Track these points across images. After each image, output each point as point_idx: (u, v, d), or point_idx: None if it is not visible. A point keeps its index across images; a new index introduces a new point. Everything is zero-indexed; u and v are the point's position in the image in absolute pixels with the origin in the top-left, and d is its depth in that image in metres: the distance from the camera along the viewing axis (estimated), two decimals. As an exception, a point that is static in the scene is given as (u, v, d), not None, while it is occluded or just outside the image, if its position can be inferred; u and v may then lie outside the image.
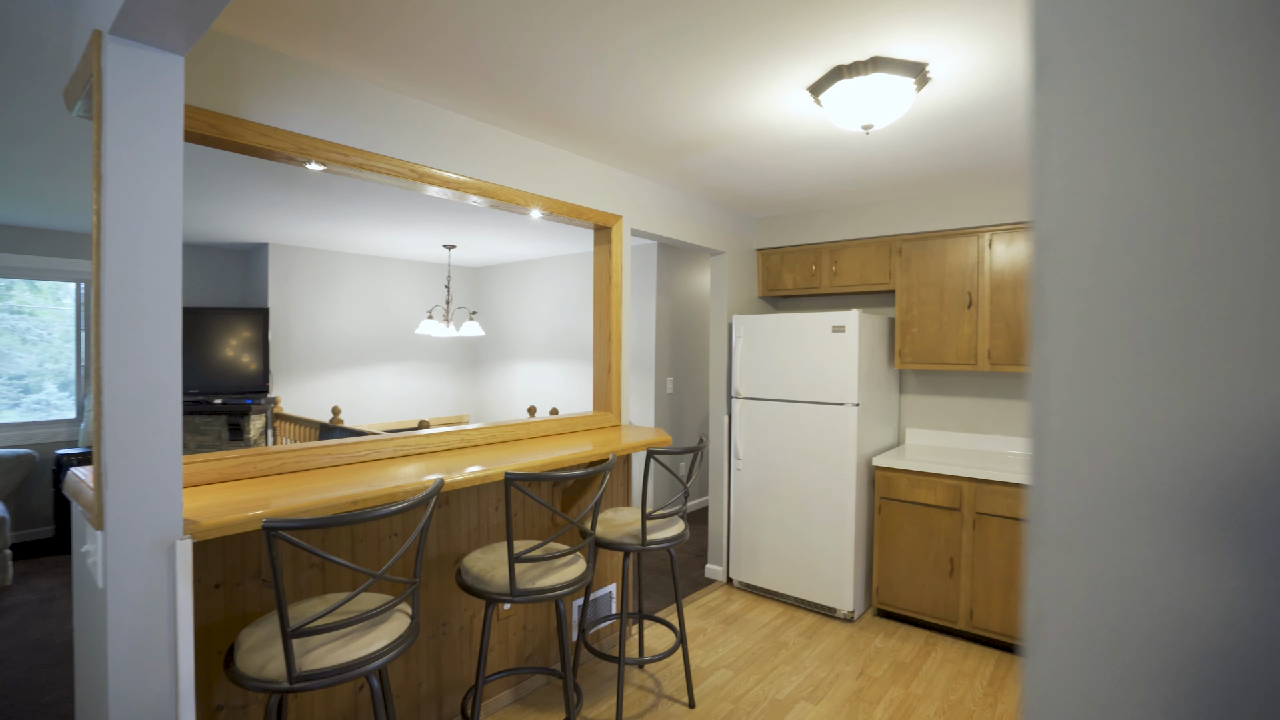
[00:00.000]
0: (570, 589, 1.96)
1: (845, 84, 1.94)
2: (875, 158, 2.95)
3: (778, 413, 3.71)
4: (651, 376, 5.21)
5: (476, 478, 1.97)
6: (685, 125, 2.54)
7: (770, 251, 4.27)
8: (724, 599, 3.75)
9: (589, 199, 2.98)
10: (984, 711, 2.59)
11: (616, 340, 3.12)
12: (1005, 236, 3.36)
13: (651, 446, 2.71)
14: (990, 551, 3.11)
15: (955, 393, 3.83)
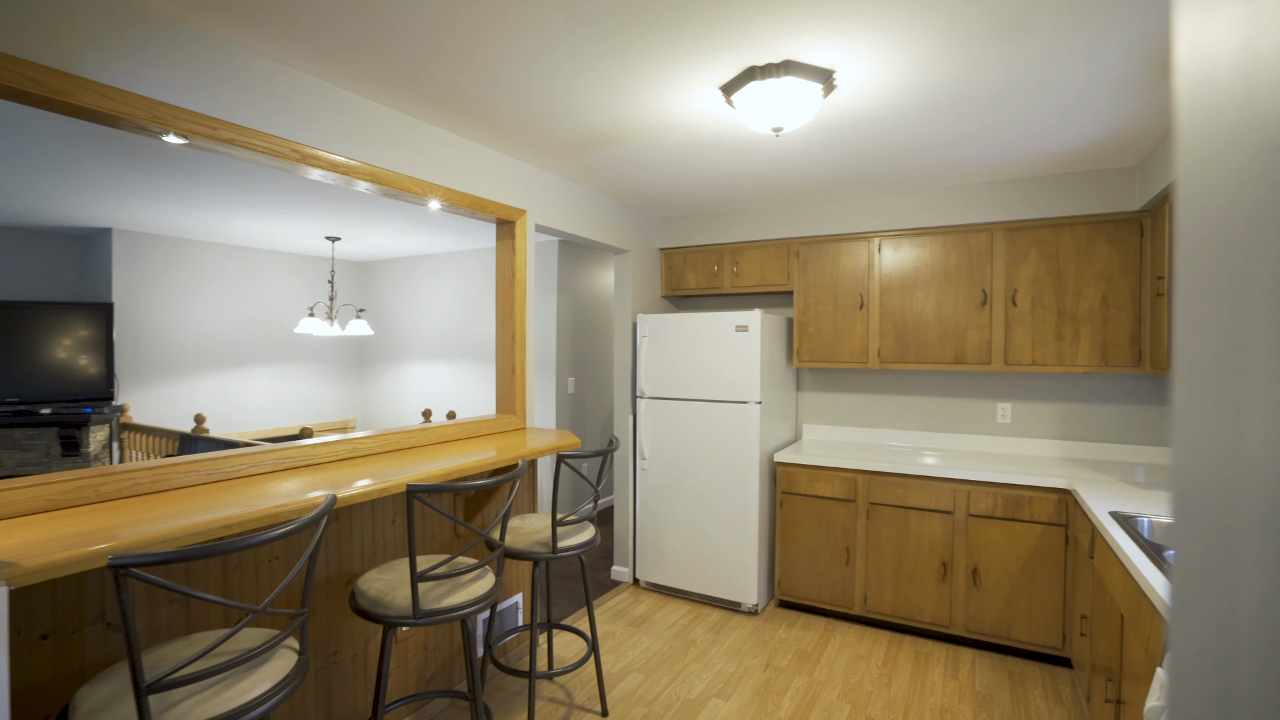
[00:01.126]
0: (479, 605, 1.84)
1: (758, 85, 1.96)
2: (779, 161, 3.02)
3: (682, 412, 3.74)
4: (553, 377, 5.09)
5: (373, 491, 1.79)
6: (596, 118, 2.47)
7: (673, 251, 4.30)
8: (631, 600, 3.72)
9: (492, 191, 2.84)
10: (880, 691, 2.73)
11: (521, 340, 2.99)
12: (893, 241, 3.58)
13: (561, 450, 2.62)
14: (882, 539, 3.29)
15: (848, 389, 4.04)
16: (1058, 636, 2.92)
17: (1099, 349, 3.11)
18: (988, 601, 3.06)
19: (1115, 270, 3.07)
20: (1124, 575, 1.90)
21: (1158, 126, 2.53)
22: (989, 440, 3.63)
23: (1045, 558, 2.93)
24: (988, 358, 3.34)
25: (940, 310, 3.45)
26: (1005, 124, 2.50)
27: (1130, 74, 2.05)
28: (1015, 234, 3.27)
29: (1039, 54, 1.92)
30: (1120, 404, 3.33)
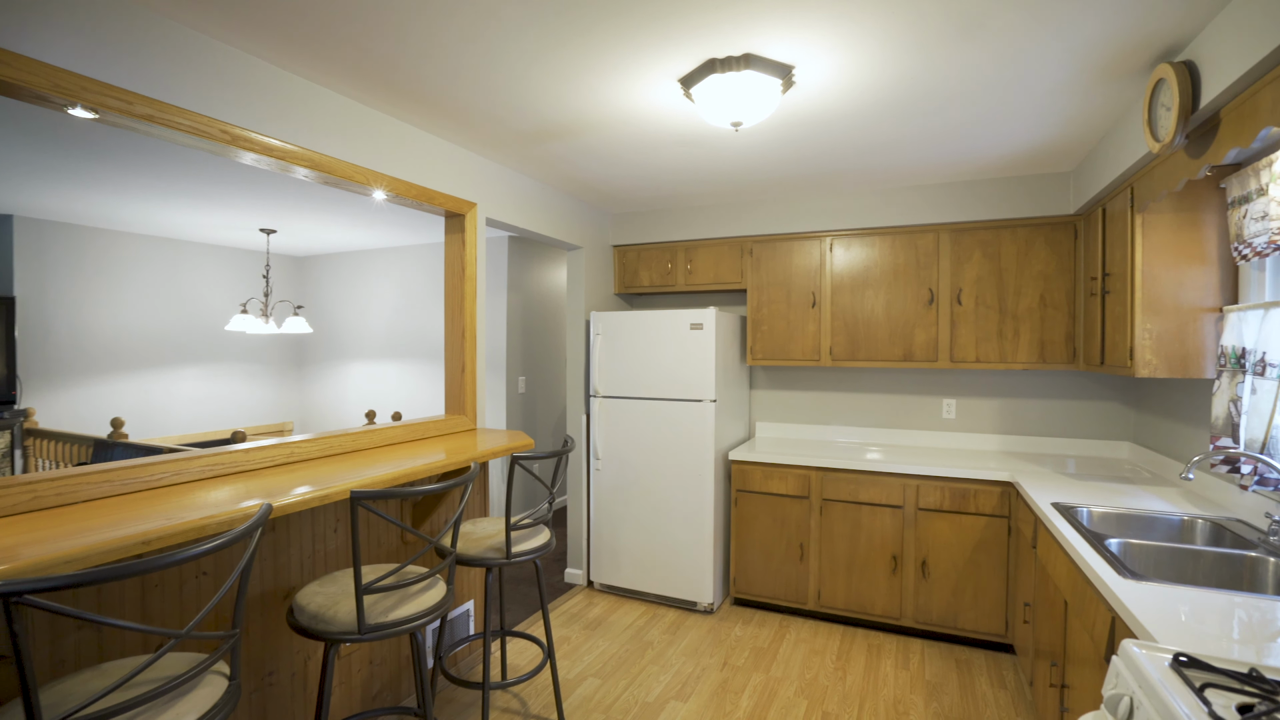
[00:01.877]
0: (429, 617, 1.74)
1: (717, 78, 1.93)
2: (735, 158, 3.01)
3: (637, 411, 3.69)
4: (503, 376, 4.97)
5: (313, 498, 1.67)
6: (551, 109, 2.39)
7: (627, 248, 4.24)
8: (586, 603, 3.65)
9: (441, 183, 2.71)
10: (836, 685, 2.76)
11: (471, 337, 2.88)
12: (844, 241, 3.63)
13: (514, 451, 2.53)
14: (835, 534, 3.34)
15: (800, 387, 4.08)
16: (1001, 624, 3.02)
17: (1037, 346, 3.23)
18: (936, 593, 3.13)
19: (1052, 271, 3.20)
20: (1068, 563, 1.96)
21: (1091, 134, 2.63)
22: (935, 435, 3.73)
23: (989, 549, 3.02)
24: (934, 355, 3.43)
25: (889, 309, 3.52)
26: (954, 127, 2.56)
27: (1071, 81, 2.12)
28: (960, 235, 3.37)
29: (989, 57, 1.95)
30: (1056, 399, 3.48)
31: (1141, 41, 1.86)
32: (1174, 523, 2.20)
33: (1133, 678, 1.11)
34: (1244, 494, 2.14)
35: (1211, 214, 2.31)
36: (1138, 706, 1.06)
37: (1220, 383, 2.21)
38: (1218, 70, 1.71)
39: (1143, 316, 2.38)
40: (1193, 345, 2.34)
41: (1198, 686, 1.02)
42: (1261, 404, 2.00)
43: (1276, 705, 0.96)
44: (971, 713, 2.55)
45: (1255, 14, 1.55)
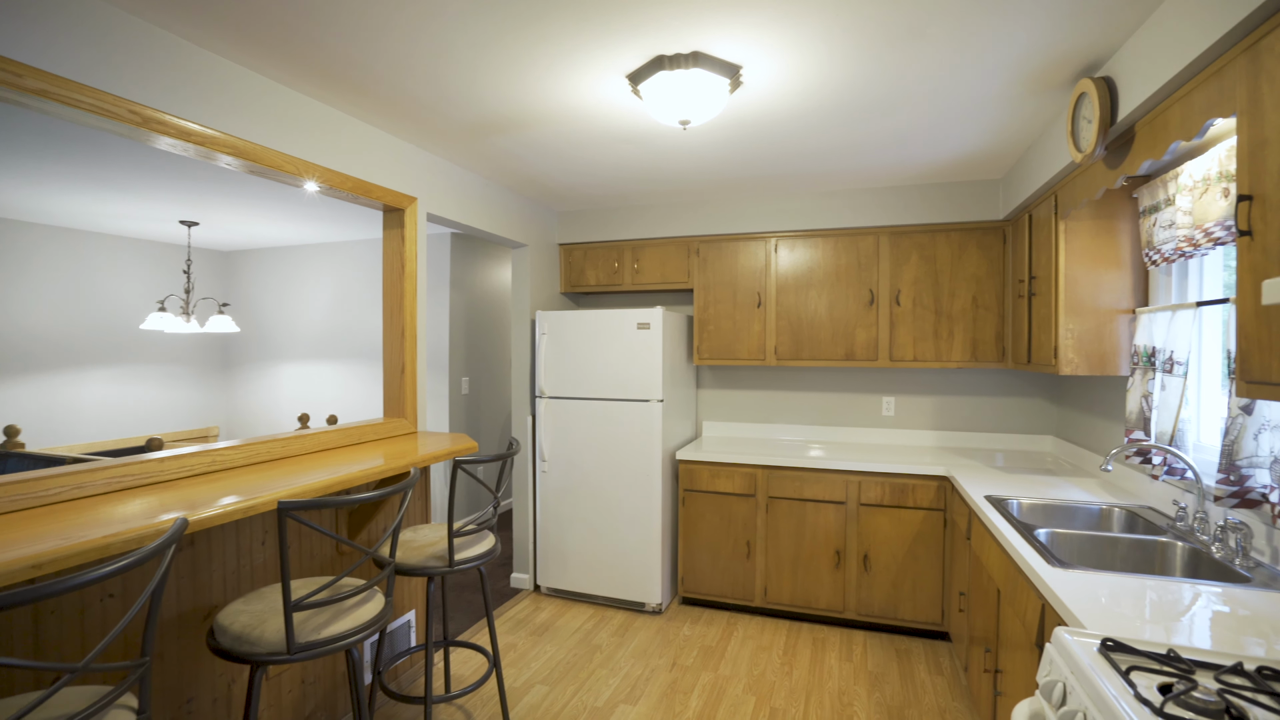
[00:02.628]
0: (366, 631, 1.65)
1: (666, 75, 1.91)
2: (683, 157, 3.01)
3: (584, 411, 3.65)
4: (445, 377, 4.83)
5: (237, 510, 1.55)
6: (496, 102, 2.32)
7: (573, 247, 4.19)
8: (533, 608, 3.58)
9: (380, 175, 2.60)
10: (783, 680, 2.79)
11: (411, 337, 2.77)
12: (789, 242, 3.69)
13: (457, 455, 2.45)
14: (781, 531, 3.39)
15: (746, 386, 4.13)
16: (938, 613, 3.13)
17: (970, 346, 3.37)
18: (877, 585, 3.22)
19: (983, 274, 3.35)
20: (1000, 554, 2.04)
21: (1019, 144, 2.76)
22: (875, 432, 3.84)
23: (927, 541, 3.13)
24: (875, 354, 3.53)
25: (832, 309, 3.60)
26: (895, 133, 2.63)
27: (1002, 91, 2.21)
28: (899, 238, 3.48)
29: (928, 66, 2.01)
30: (986, 396, 3.64)
31: (1066, 56, 1.95)
32: (1094, 512, 2.32)
33: (1065, 664, 1.16)
34: (1155, 483, 2.29)
35: (1125, 222, 2.46)
36: (1070, 691, 1.11)
37: (1134, 380, 2.36)
38: (1133, 87, 1.82)
39: (1065, 317, 2.51)
40: (1109, 345, 2.48)
41: (1124, 670, 1.07)
42: (1170, 399, 2.13)
43: (1193, 684, 1.01)
44: (911, 700, 2.63)
45: (1166, 35, 1.65)
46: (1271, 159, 1.30)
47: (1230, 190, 1.81)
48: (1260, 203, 1.33)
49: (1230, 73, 1.45)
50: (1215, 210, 1.87)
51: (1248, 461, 1.75)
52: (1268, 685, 1.03)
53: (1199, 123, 1.57)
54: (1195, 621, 1.33)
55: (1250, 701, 0.98)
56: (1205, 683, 1.05)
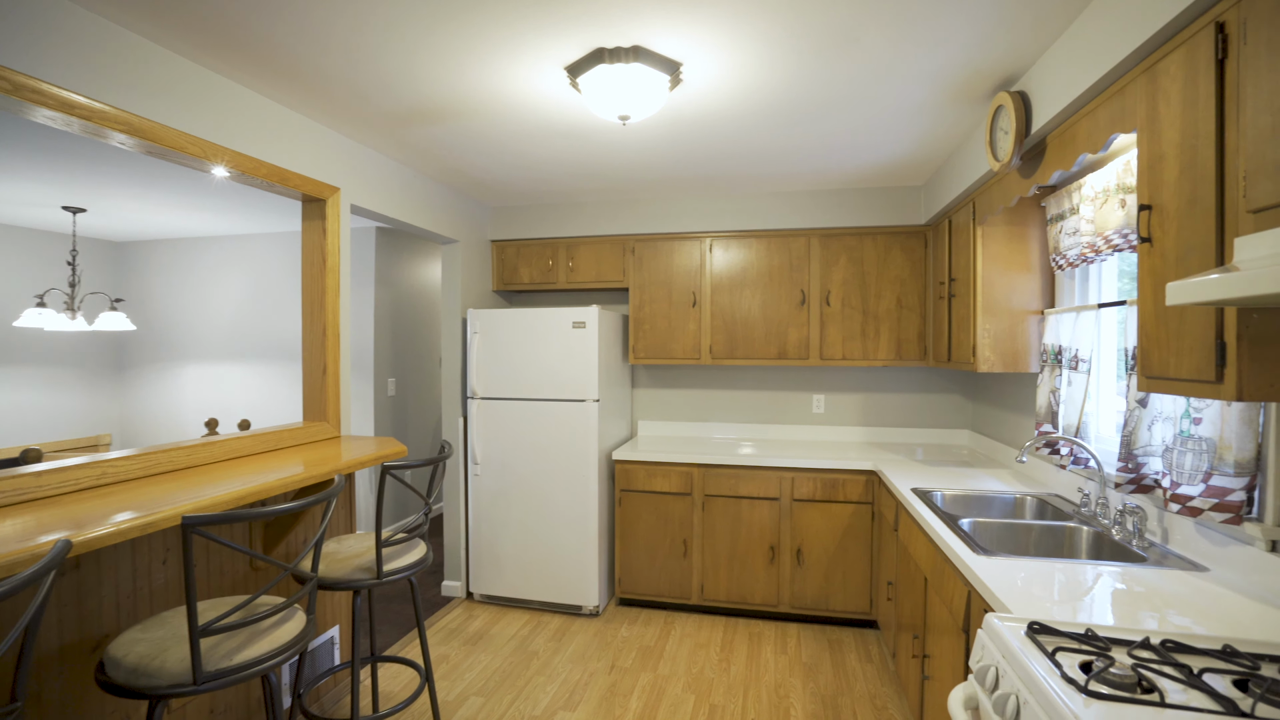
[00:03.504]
0: (285, 654, 1.53)
1: (606, 69, 1.88)
2: (620, 156, 2.98)
3: (518, 412, 3.56)
4: (370, 378, 4.60)
5: (131, 527, 1.40)
6: (428, 89, 2.21)
7: (506, 244, 4.09)
8: (465, 616, 3.46)
9: (299, 163, 2.43)
10: (721, 676, 2.82)
11: (333, 335, 2.61)
12: (723, 242, 3.73)
13: (385, 460, 2.32)
14: (717, 529, 3.42)
15: (681, 385, 4.15)
16: (867, 603, 3.25)
17: (895, 345, 3.52)
18: (810, 578, 3.31)
19: (907, 276, 3.50)
20: (928, 543, 2.13)
21: (941, 152, 2.90)
22: (806, 429, 3.95)
23: (856, 534, 3.24)
24: (806, 353, 3.62)
25: (765, 309, 3.67)
26: (827, 137, 2.71)
27: (928, 100, 2.31)
28: (829, 240, 3.59)
29: (861, 72, 2.07)
30: (908, 393, 3.82)
31: (986, 70, 2.05)
32: (1009, 501, 2.47)
33: (997, 649, 1.21)
34: (1062, 473, 2.46)
35: (1035, 229, 2.63)
36: (1003, 675, 1.15)
37: (1043, 376, 2.52)
38: (1046, 101, 1.93)
39: (983, 318, 2.66)
40: (1021, 343, 2.65)
41: (1050, 651, 1.12)
42: (1075, 394, 2.29)
43: (1111, 660, 1.07)
44: (844, 688, 2.72)
45: (1075, 55, 1.76)
46: (1168, 172, 1.41)
47: (1127, 201, 1.95)
48: (1159, 212, 1.44)
49: (1131, 92, 1.56)
50: (1114, 219, 2.02)
51: (1143, 450, 1.90)
52: (1171, 657, 1.11)
53: (1104, 137, 1.68)
54: (1102, 600, 1.42)
55: (1157, 673, 1.06)
56: (1120, 658, 1.12)
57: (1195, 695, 1.01)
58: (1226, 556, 1.60)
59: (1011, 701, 1.08)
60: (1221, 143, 1.25)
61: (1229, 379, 1.21)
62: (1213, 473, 1.59)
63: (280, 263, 5.16)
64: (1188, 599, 1.44)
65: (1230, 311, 1.21)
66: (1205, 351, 1.26)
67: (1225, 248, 1.23)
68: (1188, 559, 1.71)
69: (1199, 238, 1.29)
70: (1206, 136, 1.28)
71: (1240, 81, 1.20)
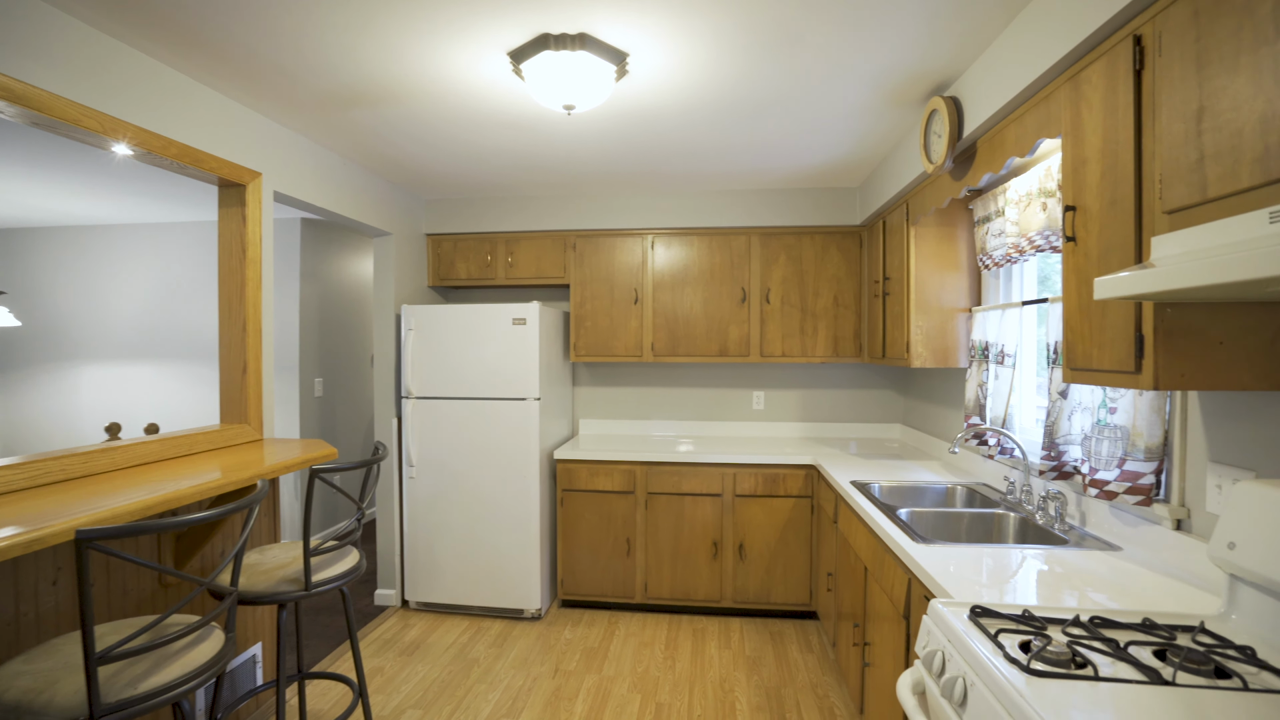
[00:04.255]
0: (200, 678, 1.40)
1: (551, 55, 1.82)
2: (562, 148, 2.92)
3: (456, 412, 3.44)
4: (296, 378, 4.35)
5: (12, 545, 1.24)
6: (361, 70, 2.09)
7: (443, 238, 3.95)
8: (400, 626, 3.31)
9: (216, 145, 2.25)
10: (666, 674, 2.81)
11: (255, 331, 2.44)
12: (665, 239, 3.73)
13: (314, 463, 2.18)
14: (660, 527, 3.41)
15: (622, 383, 4.12)
16: (806, 594, 3.32)
17: (832, 342, 3.61)
18: (752, 572, 3.35)
19: (843, 275, 3.60)
20: (868, 534, 2.19)
21: (877, 154, 3.00)
22: (747, 426, 4.00)
23: (796, 527, 3.31)
24: (746, 350, 3.67)
25: (707, 306, 3.69)
26: (769, 136, 2.74)
27: (867, 102, 2.37)
28: (769, 239, 3.65)
29: (806, 71, 2.10)
30: (844, 389, 3.93)
31: (922, 74, 2.13)
32: (941, 491, 2.57)
33: (942, 634, 1.24)
34: (989, 463, 2.58)
35: (963, 230, 2.75)
36: (949, 659, 1.18)
37: (971, 371, 2.64)
38: (977, 107, 2.02)
39: (916, 315, 2.76)
40: (951, 340, 2.76)
41: (993, 633, 1.16)
42: (1001, 388, 2.41)
43: (1048, 639, 1.12)
44: (787, 679, 2.76)
45: (1004, 63, 1.85)
46: (1091, 175, 1.49)
47: (1048, 204, 2.07)
48: (1082, 213, 1.52)
49: (1057, 99, 1.65)
50: (1036, 222, 2.13)
51: (1064, 439, 2.01)
52: (1099, 633, 1.16)
53: (1031, 141, 1.77)
54: (1031, 582, 1.49)
55: (1089, 648, 1.11)
56: (1056, 636, 1.17)
57: (1123, 667, 1.06)
58: (1138, 536, 1.71)
59: (959, 684, 1.11)
60: (1139, 148, 1.33)
61: (1146, 369, 1.29)
62: (1126, 458, 1.69)
63: (194, 254, 4.79)
64: (1105, 577, 1.53)
65: (1148, 306, 1.29)
66: (1126, 344, 1.34)
67: (1143, 246, 1.31)
68: (1104, 540, 1.82)
69: (1119, 237, 1.37)
70: (1126, 142, 1.36)
71: (1156, 91, 1.27)
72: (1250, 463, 1.39)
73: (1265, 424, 1.36)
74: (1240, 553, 1.20)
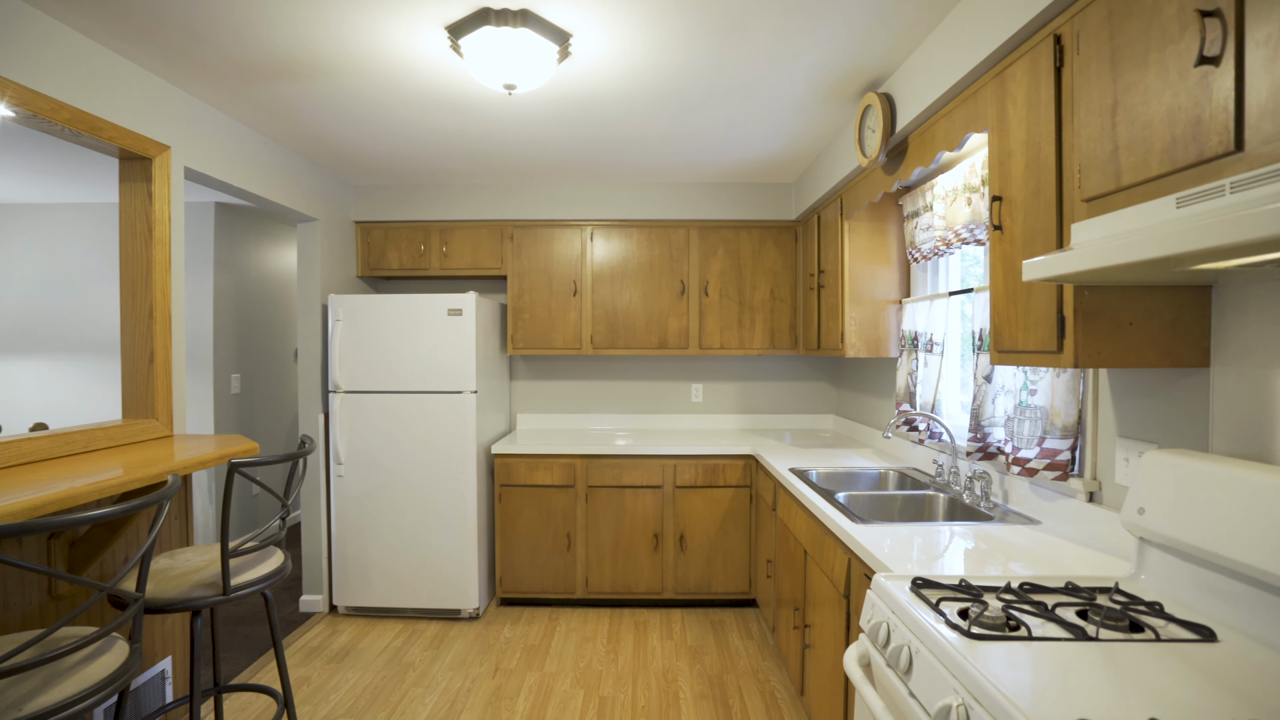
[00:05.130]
0: (97, 696, 1.27)
1: (491, 31, 1.76)
2: (500, 133, 2.85)
3: (387, 406, 3.30)
4: (209, 374, 4.05)
5: (-126, 549, 1.08)
6: (284, 39, 1.96)
7: (373, 226, 3.77)
8: (329, 632, 3.14)
9: (117, 112, 2.05)
10: (609, 668, 2.78)
11: (163, 319, 2.24)
12: (605, 231, 3.70)
13: (234, 458, 2.02)
14: (601, 520, 3.39)
15: (561, 377, 4.07)
16: (746, 582, 3.37)
17: (769, 334, 3.69)
18: (692, 563, 3.38)
19: (780, 268, 3.68)
20: (807, 518, 2.24)
21: (813, 149, 3.08)
22: (686, 418, 4.03)
23: (736, 517, 3.36)
24: (685, 343, 3.69)
25: (646, 299, 3.69)
26: (709, 128, 2.76)
27: (805, 96, 2.43)
28: (707, 232, 3.68)
29: (747, 61, 2.12)
30: (780, 381, 4.03)
31: (857, 70, 2.19)
32: (874, 475, 2.67)
33: (886, 605, 1.28)
34: (919, 448, 2.70)
35: (894, 225, 2.87)
36: (894, 629, 1.22)
37: (901, 360, 2.75)
38: (909, 103, 2.10)
39: (850, 307, 2.85)
40: (883, 330, 2.87)
41: (934, 602, 1.20)
42: (930, 375, 2.52)
43: (985, 605, 1.17)
44: (729, 666, 2.79)
45: (934, 61, 1.93)
46: (1016, 167, 1.57)
47: (972, 200, 2.18)
48: (1008, 203, 1.60)
49: (984, 95, 1.73)
50: (962, 216, 2.24)
51: (989, 422, 2.13)
52: (1029, 598, 1.23)
53: (960, 136, 1.86)
54: (961, 555, 1.56)
55: (1021, 611, 1.17)
56: (992, 602, 1.22)
57: (1052, 627, 1.12)
58: (1055, 510, 1.83)
59: (904, 652, 1.14)
60: (1060, 140, 1.41)
61: (1068, 349, 1.37)
62: (1045, 437, 1.80)
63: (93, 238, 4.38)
64: (1028, 548, 1.62)
65: (1068, 289, 1.37)
66: (1048, 325, 1.42)
67: (1064, 233, 1.39)
68: (1025, 515, 1.93)
69: (1042, 224, 1.45)
70: (1048, 135, 1.44)
71: (1074, 87, 1.36)
72: (1153, 436, 1.51)
73: (1165, 400, 1.47)
74: (1149, 517, 1.29)
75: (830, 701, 1.95)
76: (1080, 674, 0.95)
